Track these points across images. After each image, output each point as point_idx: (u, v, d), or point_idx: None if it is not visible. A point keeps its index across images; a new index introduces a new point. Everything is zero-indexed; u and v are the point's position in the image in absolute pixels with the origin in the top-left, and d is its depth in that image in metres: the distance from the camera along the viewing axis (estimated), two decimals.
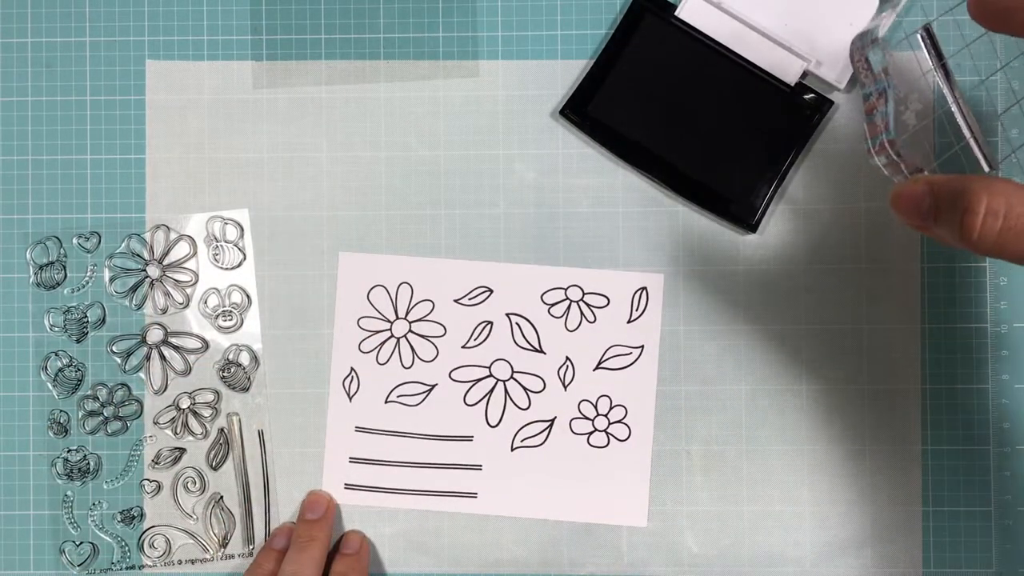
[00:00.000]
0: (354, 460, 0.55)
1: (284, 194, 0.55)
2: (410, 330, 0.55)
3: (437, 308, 0.54)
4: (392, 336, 0.55)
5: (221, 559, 0.55)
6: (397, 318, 0.55)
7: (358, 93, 0.55)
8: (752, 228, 0.53)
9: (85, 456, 0.55)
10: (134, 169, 0.55)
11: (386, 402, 0.55)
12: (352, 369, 0.55)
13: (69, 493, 0.55)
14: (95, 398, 0.55)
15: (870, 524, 0.54)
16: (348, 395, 0.55)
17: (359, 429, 0.55)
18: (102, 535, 0.55)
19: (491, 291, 0.54)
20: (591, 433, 0.54)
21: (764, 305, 0.54)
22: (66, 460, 0.55)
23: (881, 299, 0.54)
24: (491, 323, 0.54)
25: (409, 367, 0.55)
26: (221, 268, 0.55)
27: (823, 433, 0.54)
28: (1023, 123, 0.53)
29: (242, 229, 0.55)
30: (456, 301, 0.54)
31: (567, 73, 0.54)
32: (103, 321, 0.55)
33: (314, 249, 0.55)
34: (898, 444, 0.54)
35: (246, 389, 0.55)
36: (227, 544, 0.55)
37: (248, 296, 0.55)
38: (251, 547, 0.55)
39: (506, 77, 0.55)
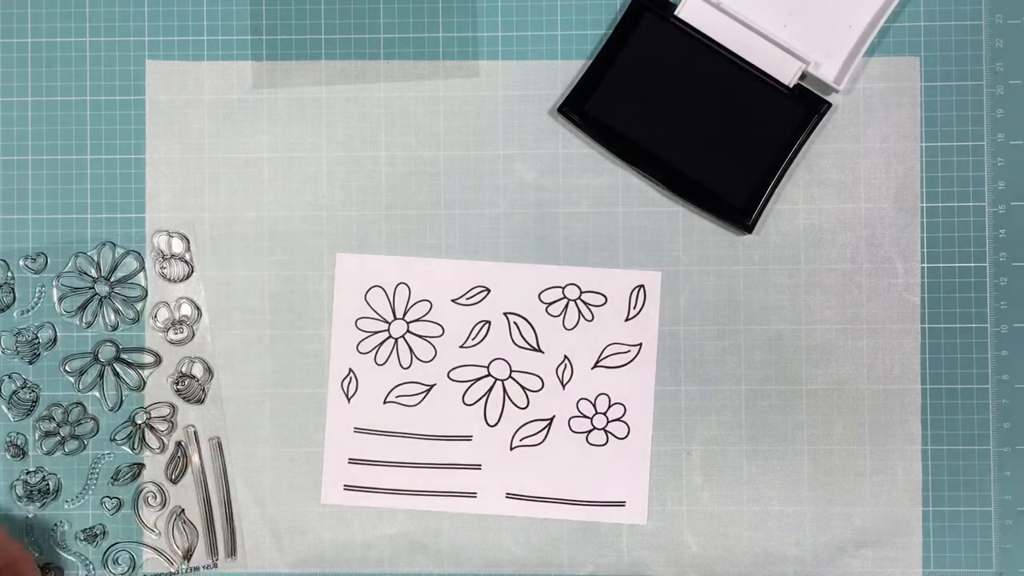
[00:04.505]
0: (353, 461, 0.54)
1: (283, 194, 0.55)
2: (408, 330, 0.55)
3: (435, 308, 0.54)
4: (390, 336, 0.55)
5: (186, 572, 0.55)
6: (395, 318, 0.55)
7: (358, 93, 0.55)
8: (748, 229, 0.53)
9: (44, 477, 0.55)
10: (134, 169, 0.55)
11: (385, 402, 0.55)
12: (350, 370, 0.55)
13: (30, 515, 0.55)
14: (51, 418, 0.55)
15: (870, 524, 0.53)
16: (347, 396, 0.55)
17: (358, 430, 0.55)
18: (66, 555, 0.55)
19: (488, 291, 0.54)
20: (590, 431, 0.54)
21: (764, 305, 0.54)
22: (25, 482, 0.55)
23: (881, 299, 0.54)
24: (489, 323, 0.54)
25: (407, 367, 0.55)
26: (169, 281, 0.55)
27: (823, 433, 0.54)
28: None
29: (188, 242, 0.55)
30: (454, 301, 0.54)
31: (567, 73, 0.54)
32: (54, 341, 0.55)
33: (314, 249, 0.55)
34: (898, 444, 0.54)
35: (201, 401, 0.55)
36: (191, 557, 0.55)
37: (198, 308, 0.55)
38: (215, 558, 0.55)
39: (506, 77, 0.55)
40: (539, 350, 0.54)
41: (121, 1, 0.55)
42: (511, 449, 0.54)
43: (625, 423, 0.54)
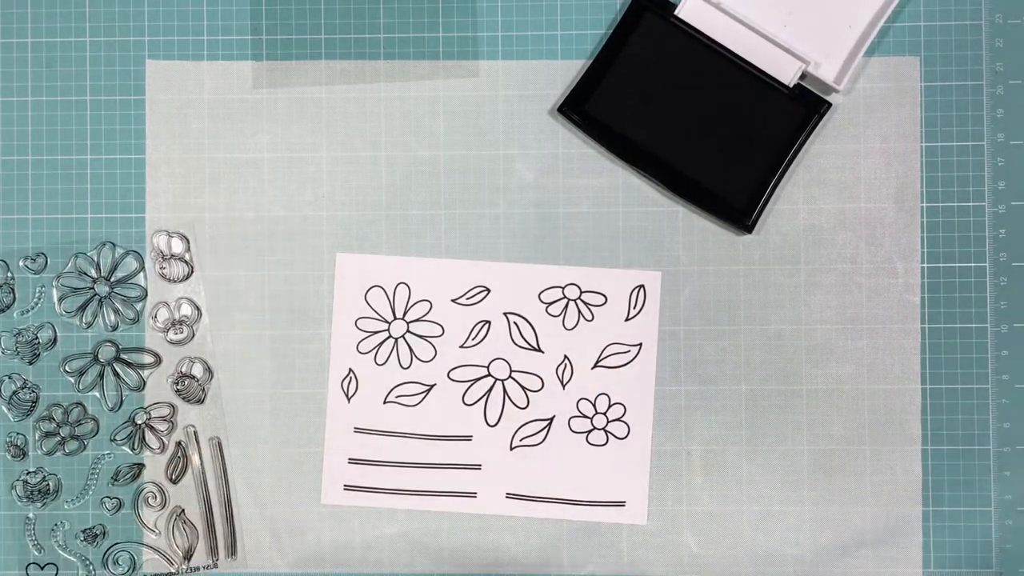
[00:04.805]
0: (353, 461, 0.54)
1: (283, 194, 0.55)
2: (408, 330, 0.55)
3: (435, 308, 0.54)
4: (390, 336, 0.55)
5: (186, 572, 0.55)
6: (395, 318, 0.55)
7: (358, 93, 0.55)
8: (748, 228, 0.53)
9: (44, 477, 0.55)
10: (134, 169, 0.55)
11: (385, 402, 0.55)
12: (350, 370, 0.55)
13: (31, 515, 0.55)
14: (51, 419, 0.55)
15: (870, 524, 0.53)
16: (347, 396, 0.55)
17: (358, 430, 0.55)
18: (66, 555, 0.55)
19: (488, 290, 0.54)
20: (590, 431, 0.54)
21: (764, 305, 0.54)
22: (25, 483, 0.55)
23: (881, 299, 0.54)
24: (489, 322, 0.54)
25: (407, 367, 0.55)
26: (169, 281, 0.55)
27: (823, 433, 0.54)
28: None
29: (188, 242, 0.55)
30: (454, 301, 0.54)
31: (567, 73, 0.54)
32: (54, 341, 0.55)
33: (313, 249, 0.55)
34: (898, 444, 0.54)
35: (201, 401, 0.55)
36: (191, 557, 0.55)
37: (198, 308, 0.55)
38: (215, 558, 0.55)
39: (506, 77, 0.55)
40: (539, 350, 0.54)
41: (121, 1, 0.55)
42: (511, 449, 0.54)
43: (625, 423, 0.54)
